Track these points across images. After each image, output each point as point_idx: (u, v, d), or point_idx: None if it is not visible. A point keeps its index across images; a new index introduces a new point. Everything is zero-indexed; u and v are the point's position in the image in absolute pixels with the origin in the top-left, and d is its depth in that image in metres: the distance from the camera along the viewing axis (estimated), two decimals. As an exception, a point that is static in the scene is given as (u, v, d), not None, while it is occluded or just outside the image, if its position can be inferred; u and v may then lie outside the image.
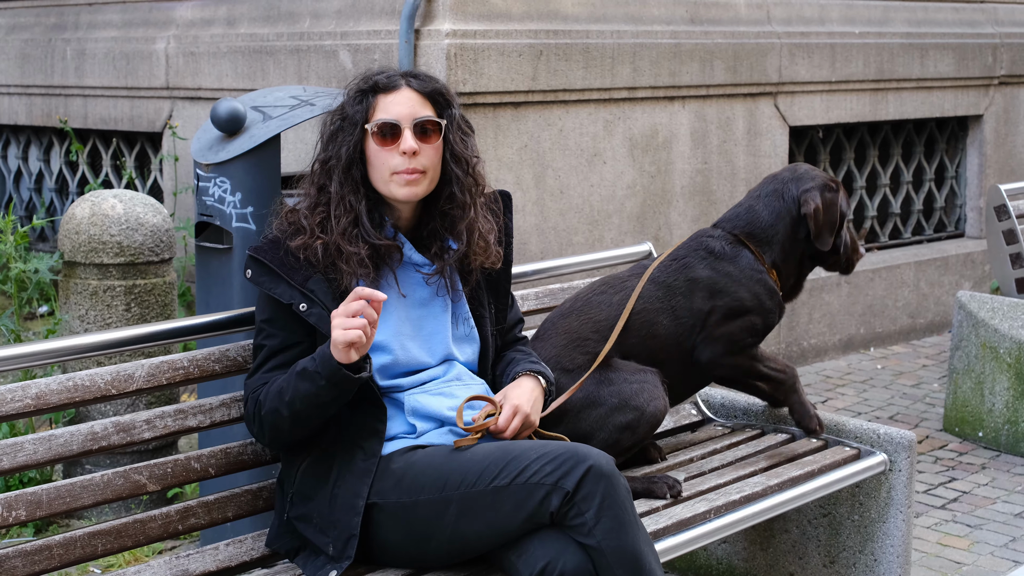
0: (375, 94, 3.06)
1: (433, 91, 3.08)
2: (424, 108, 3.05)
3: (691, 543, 3.35)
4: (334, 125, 3.09)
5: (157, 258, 4.72)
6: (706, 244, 3.79)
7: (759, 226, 3.82)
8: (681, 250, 3.81)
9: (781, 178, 3.88)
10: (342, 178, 3.03)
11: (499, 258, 3.18)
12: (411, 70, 3.14)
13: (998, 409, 5.57)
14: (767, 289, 3.76)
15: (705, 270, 3.73)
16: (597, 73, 5.99)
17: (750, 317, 3.72)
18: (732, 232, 3.82)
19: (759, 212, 3.83)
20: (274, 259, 2.99)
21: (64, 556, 2.85)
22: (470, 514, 2.84)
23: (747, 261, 3.76)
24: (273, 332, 3.00)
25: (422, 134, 3.03)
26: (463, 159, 3.09)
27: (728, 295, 3.71)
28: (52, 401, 2.88)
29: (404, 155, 3.00)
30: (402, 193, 3.02)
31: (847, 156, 7.61)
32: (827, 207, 3.80)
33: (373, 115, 3.04)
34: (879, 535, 3.89)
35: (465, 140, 3.13)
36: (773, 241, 3.81)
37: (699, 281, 3.71)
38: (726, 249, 3.77)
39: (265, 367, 3.00)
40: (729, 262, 3.75)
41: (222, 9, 6.66)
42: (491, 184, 3.26)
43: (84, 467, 4.59)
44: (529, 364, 3.20)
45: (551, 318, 3.76)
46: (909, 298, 7.57)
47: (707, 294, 3.71)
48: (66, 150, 7.71)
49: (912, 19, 7.67)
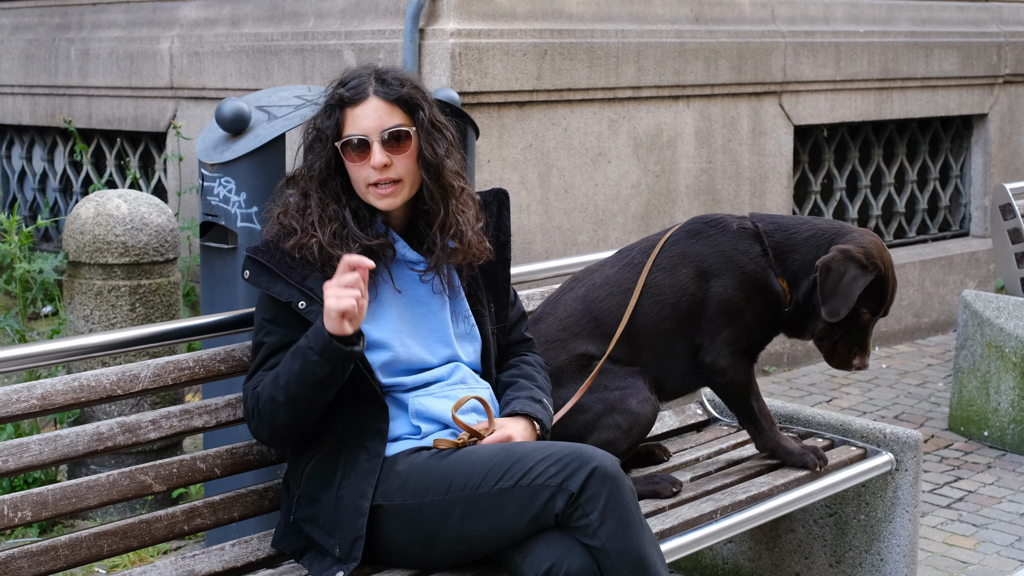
0: (343, 108, 3.03)
1: (399, 97, 3.02)
2: (392, 117, 3.01)
3: (697, 543, 3.34)
4: (311, 135, 3.08)
5: (162, 258, 4.72)
6: (716, 218, 3.62)
7: (788, 236, 3.60)
8: (689, 223, 3.65)
9: (840, 225, 3.64)
10: (320, 191, 3.03)
11: (486, 250, 3.14)
12: (382, 71, 3.05)
13: (1003, 408, 5.56)
14: (762, 283, 3.57)
15: (700, 244, 3.58)
16: (602, 72, 5.98)
17: (743, 315, 3.56)
18: (755, 222, 3.63)
19: (799, 228, 3.62)
20: (272, 259, 2.99)
21: (70, 557, 2.85)
22: (475, 516, 2.83)
23: (749, 247, 3.57)
24: (273, 330, 3.00)
25: (393, 144, 3.00)
26: (432, 165, 3.04)
27: (719, 279, 3.54)
28: (58, 401, 2.87)
29: (375, 168, 2.99)
30: (381, 204, 3.02)
31: (852, 155, 7.61)
32: (839, 276, 3.47)
33: (344, 130, 3.02)
34: (885, 535, 3.88)
35: (437, 141, 3.06)
36: (790, 258, 3.59)
37: (688, 256, 3.57)
38: (732, 228, 3.60)
39: (265, 366, 2.99)
40: (728, 241, 3.58)
41: (226, 9, 6.66)
42: (495, 184, 3.25)
43: (89, 468, 4.59)
44: (527, 404, 3.12)
45: (560, 296, 3.68)
46: (914, 297, 7.56)
47: (695, 272, 3.55)
48: (70, 150, 7.71)
49: (917, 18, 7.66)
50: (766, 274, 3.59)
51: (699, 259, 3.59)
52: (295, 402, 2.88)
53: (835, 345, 3.59)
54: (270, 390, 2.90)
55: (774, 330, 3.68)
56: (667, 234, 3.67)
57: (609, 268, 3.68)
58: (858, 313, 3.54)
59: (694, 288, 3.56)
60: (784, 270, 3.61)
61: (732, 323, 3.56)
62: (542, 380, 3.26)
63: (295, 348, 2.86)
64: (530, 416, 3.08)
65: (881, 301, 3.56)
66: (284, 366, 2.88)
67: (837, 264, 3.49)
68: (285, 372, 2.87)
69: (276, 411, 2.90)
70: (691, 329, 3.58)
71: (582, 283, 3.69)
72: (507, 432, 3.00)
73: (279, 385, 2.88)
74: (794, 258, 3.59)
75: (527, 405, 3.10)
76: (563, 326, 3.60)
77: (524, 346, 3.36)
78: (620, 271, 3.65)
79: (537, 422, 3.09)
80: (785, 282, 3.61)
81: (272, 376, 2.91)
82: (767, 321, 3.63)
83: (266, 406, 2.91)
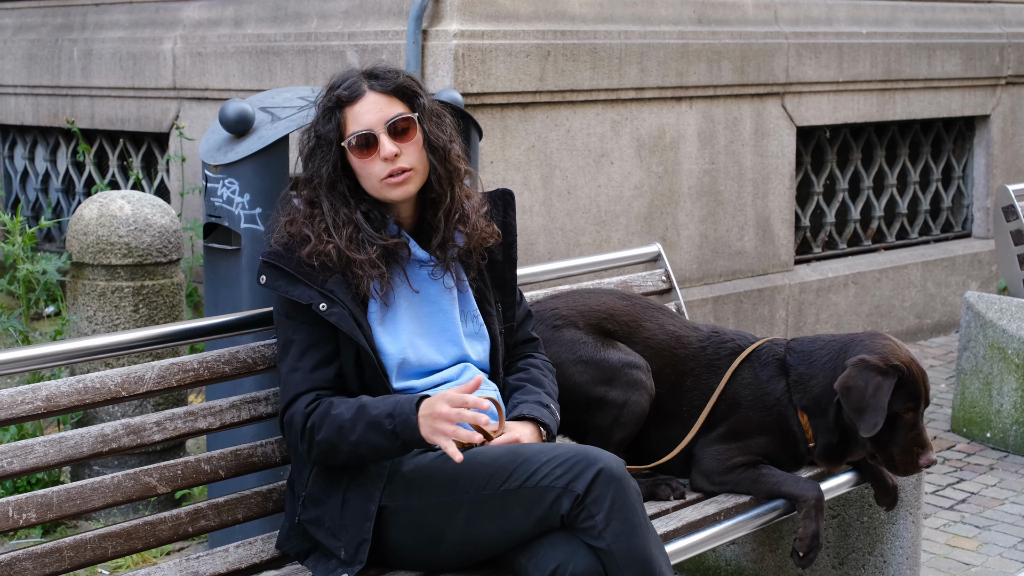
0: (341, 108, 3.03)
1: (396, 87, 3.03)
2: (393, 107, 3.02)
3: (701, 545, 3.35)
4: (310, 143, 3.07)
5: (165, 259, 4.72)
6: (761, 350, 3.66)
7: (808, 366, 3.59)
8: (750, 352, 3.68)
9: (848, 336, 3.63)
10: (329, 195, 3.02)
11: (494, 232, 3.15)
12: (370, 69, 3.07)
13: (1006, 410, 5.56)
14: (781, 421, 3.58)
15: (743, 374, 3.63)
16: (604, 73, 5.98)
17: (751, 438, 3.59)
18: (782, 358, 3.63)
19: (818, 352, 3.61)
20: (290, 263, 2.98)
21: (74, 558, 2.85)
22: (481, 517, 2.84)
23: (771, 383, 3.60)
24: (299, 327, 2.98)
25: (398, 133, 3.01)
26: (439, 147, 3.06)
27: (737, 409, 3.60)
28: (62, 403, 2.87)
29: (386, 160, 2.99)
30: (396, 194, 3.02)
31: (854, 156, 7.60)
32: (861, 391, 3.41)
33: (346, 130, 3.02)
34: (888, 536, 3.88)
35: (440, 125, 3.08)
36: (809, 388, 3.57)
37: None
38: (761, 360, 3.62)
39: (304, 366, 2.96)
40: (756, 373, 3.62)
41: (229, 9, 6.66)
42: (498, 185, 3.25)
43: (93, 469, 4.59)
44: (534, 408, 3.13)
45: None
46: (916, 298, 7.56)
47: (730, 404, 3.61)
48: (73, 150, 7.71)
49: (919, 19, 7.66)
50: (782, 409, 3.60)
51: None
52: (358, 457, 2.91)
53: (892, 455, 3.50)
54: (333, 436, 2.88)
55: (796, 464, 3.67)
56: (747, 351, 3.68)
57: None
58: (898, 416, 3.45)
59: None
60: (803, 406, 3.59)
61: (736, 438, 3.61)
62: (549, 385, 3.25)
63: (377, 422, 2.84)
64: (537, 421, 3.09)
65: (916, 398, 3.45)
66: (358, 428, 2.85)
67: (855, 380, 3.43)
68: (357, 433, 2.85)
69: (334, 454, 2.92)
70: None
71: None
72: (515, 435, 3.00)
73: (348, 440, 2.87)
74: (812, 384, 3.57)
75: (534, 409, 3.11)
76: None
77: (530, 346, 3.36)
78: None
79: (543, 427, 3.09)
80: (806, 416, 3.58)
81: (338, 424, 2.87)
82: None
83: (323, 445, 2.90)
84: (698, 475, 3.59)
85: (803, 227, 7.32)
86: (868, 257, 7.57)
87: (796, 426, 3.58)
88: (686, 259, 6.48)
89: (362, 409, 2.87)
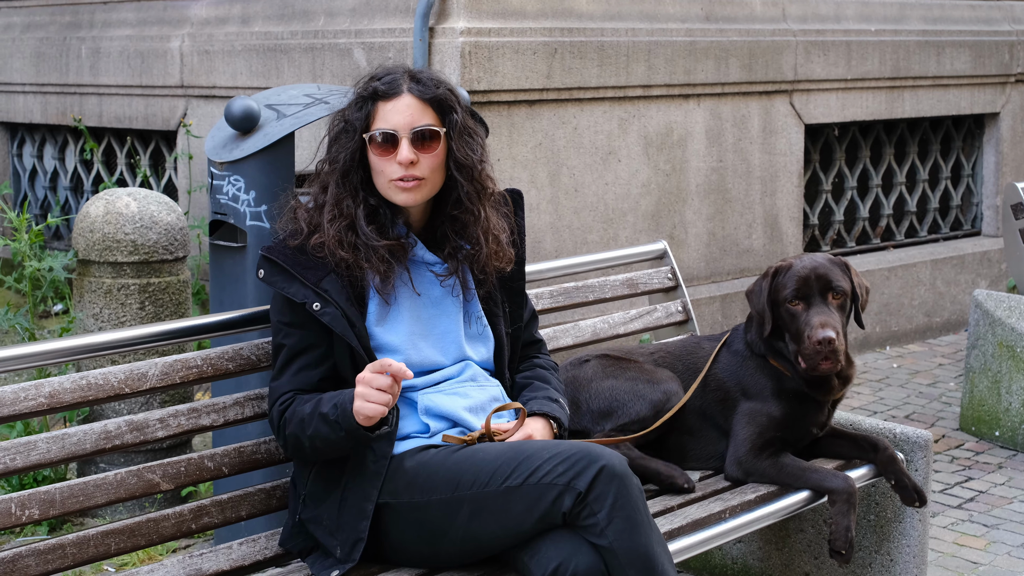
0: (375, 101, 3.03)
1: (433, 98, 3.03)
2: (424, 116, 3.02)
3: (706, 543, 3.34)
4: (338, 127, 3.08)
5: (171, 256, 4.72)
6: (730, 337, 3.90)
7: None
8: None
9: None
10: (341, 183, 3.03)
11: (511, 259, 3.16)
12: (416, 71, 3.07)
13: (1015, 408, 5.54)
14: (763, 371, 3.76)
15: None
16: (612, 71, 5.98)
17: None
18: (740, 332, 3.89)
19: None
20: (287, 258, 2.99)
21: (78, 555, 2.85)
22: (482, 514, 2.83)
23: (741, 354, 3.80)
24: (291, 332, 3.00)
25: (421, 142, 3.00)
26: (466, 166, 3.06)
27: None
28: (66, 400, 2.88)
29: (401, 164, 2.99)
30: (400, 198, 3.02)
31: (863, 154, 7.59)
32: (751, 294, 3.73)
33: (373, 123, 3.02)
34: (895, 535, 3.87)
35: (470, 144, 3.07)
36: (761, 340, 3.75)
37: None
38: (730, 344, 3.86)
39: (290, 369, 3.00)
40: (731, 353, 3.86)
41: (236, 7, 6.66)
42: (505, 183, 3.25)
43: (98, 466, 4.60)
44: (544, 404, 3.15)
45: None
46: (925, 296, 7.54)
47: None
48: (81, 148, 7.72)
49: (928, 16, 7.64)
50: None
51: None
52: (317, 451, 2.95)
53: (799, 352, 3.59)
54: (296, 429, 2.93)
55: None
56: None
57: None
58: (787, 309, 3.60)
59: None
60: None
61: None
62: (555, 382, 3.27)
63: (325, 414, 2.87)
64: (548, 415, 3.09)
65: (796, 288, 3.57)
66: (312, 421, 2.89)
67: (750, 289, 3.73)
68: (312, 427, 2.90)
69: (299, 447, 2.96)
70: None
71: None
72: (527, 431, 3.01)
73: (306, 434, 2.91)
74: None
75: (545, 404, 3.12)
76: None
77: (535, 347, 3.36)
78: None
79: (555, 420, 3.10)
80: (776, 361, 3.73)
81: (300, 419, 2.92)
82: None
83: (291, 439, 2.96)
84: (732, 462, 3.65)
85: (811, 225, 7.30)
86: (877, 255, 7.55)
87: (774, 372, 3.67)
88: (694, 257, 6.47)
89: (318, 403, 2.90)
